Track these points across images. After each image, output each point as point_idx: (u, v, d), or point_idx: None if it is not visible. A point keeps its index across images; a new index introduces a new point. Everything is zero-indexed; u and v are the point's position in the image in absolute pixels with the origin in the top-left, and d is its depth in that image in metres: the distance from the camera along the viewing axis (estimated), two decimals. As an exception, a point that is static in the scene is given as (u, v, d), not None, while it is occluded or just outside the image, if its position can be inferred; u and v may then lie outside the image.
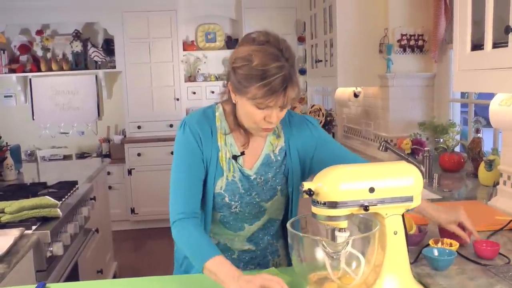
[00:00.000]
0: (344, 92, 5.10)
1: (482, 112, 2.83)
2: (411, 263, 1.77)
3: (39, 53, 7.21)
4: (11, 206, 2.75)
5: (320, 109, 5.39)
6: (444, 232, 2.08)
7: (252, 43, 1.86)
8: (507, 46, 1.97)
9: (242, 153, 2.03)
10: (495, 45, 2.07)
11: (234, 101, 1.94)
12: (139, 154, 6.94)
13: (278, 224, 2.20)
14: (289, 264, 2.26)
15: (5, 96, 7.33)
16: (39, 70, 7.09)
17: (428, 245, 1.98)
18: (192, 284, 1.93)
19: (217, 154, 2.00)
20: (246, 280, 1.62)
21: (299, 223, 1.90)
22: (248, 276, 1.64)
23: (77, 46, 7.12)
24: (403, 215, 1.66)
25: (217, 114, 2.04)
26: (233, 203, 2.03)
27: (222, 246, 2.13)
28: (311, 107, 5.54)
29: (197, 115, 2.04)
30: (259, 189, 2.05)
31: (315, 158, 2.09)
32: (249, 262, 2.17)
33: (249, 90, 1.81)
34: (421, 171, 3.41)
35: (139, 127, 7.19)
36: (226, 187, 2.01)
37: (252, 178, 2.04)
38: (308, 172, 2.12)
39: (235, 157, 2.02)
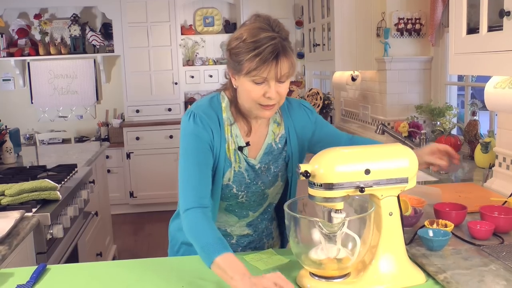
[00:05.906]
0: (341, 76, 5.10)
1: (480, 94, 2.85)
2: (406, 244, 1.79)
3: (37, 37, 7.19)
4: (11, 188, 2.76)
5: (318, 93, 5.39)
6: (439, 214, 2.12)
7: (243, 26, 1.89)
8: (502, 29, 1.98)
9: (248, 144, 2.02)
10: (490, 29, 2.07)
11: (235, 86, 1.94)
12: (137, 138, 6.96)
13: (274, 207, 2.24)
14: (282, 244, 2.33)
15: (3, 80, 7.33)
16: (37, 54, 7.08)
17: (423, 226, 2.01)
18: (189, 265, 1.95)
19: (225, 146, 1.99)
20: (253, 282, 1.56)
21: (296, 205, 1.91)
22: (256, 278, 1.58)
23: (75, 30, 7.10)
24: (398, 197, 1.69)
25: (223, 104, 2.02)
26: (240, 193, 2.05)
27: (223, 232, 2.13)
28: (309, 91, 5.54)
29: (203, 105, 2.01)
30: (263, 177, 2.07)
31: (313, 141, 2.14)
32: (247, 246, 2.20)
33: (243, 66, 1.82)
34: (417, 154, 3.43)
35: (137, 111, 7.20)
36: (234, 179, 2.02)
37: (256, 167, 2.05)
38: (307, 151, 2.17)
39: (240, 148, 2.02)
